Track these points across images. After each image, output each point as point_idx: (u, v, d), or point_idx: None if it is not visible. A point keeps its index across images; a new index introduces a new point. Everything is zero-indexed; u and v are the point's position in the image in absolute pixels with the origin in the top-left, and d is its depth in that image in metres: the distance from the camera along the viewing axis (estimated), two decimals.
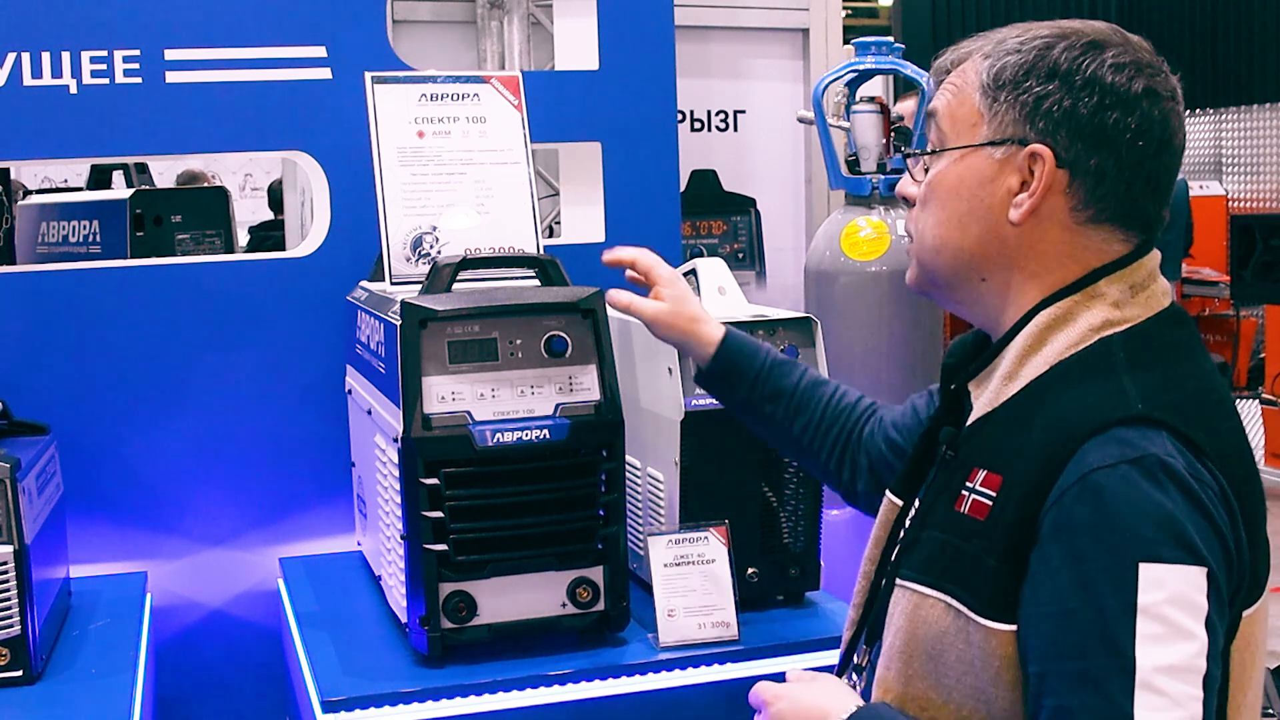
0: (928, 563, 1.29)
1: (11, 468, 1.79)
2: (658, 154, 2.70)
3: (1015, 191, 1.30)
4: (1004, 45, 1.31)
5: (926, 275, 1.40)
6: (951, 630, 1.24)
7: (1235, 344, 8.30)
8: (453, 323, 1.84)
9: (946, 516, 1.28)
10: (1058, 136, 1.27)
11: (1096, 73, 1.26)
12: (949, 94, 1.35)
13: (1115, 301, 1.28)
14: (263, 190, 8.06)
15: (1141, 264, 1.31)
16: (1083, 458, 1.17)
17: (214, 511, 2.48)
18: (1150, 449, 1.16)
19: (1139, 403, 1.20)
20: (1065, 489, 1.17)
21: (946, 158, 1.34)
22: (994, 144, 1.30)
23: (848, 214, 3.44)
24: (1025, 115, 1.28)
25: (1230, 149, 9.08)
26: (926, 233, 1.37)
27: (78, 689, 1.85)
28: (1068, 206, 1.29)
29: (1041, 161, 1.27)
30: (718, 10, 4.98)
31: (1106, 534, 1.14)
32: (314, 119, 2.47)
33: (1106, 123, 1.26)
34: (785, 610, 2.12)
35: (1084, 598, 1.14)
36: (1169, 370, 1.25)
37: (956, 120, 1.33)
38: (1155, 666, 1.10)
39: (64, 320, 2.37)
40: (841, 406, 1.78)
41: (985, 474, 1.25)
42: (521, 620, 1.89)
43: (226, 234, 3.62)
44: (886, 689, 1.31)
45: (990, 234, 1.32)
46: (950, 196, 1.34)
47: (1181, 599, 1.12)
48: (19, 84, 2.32)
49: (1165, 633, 1.11)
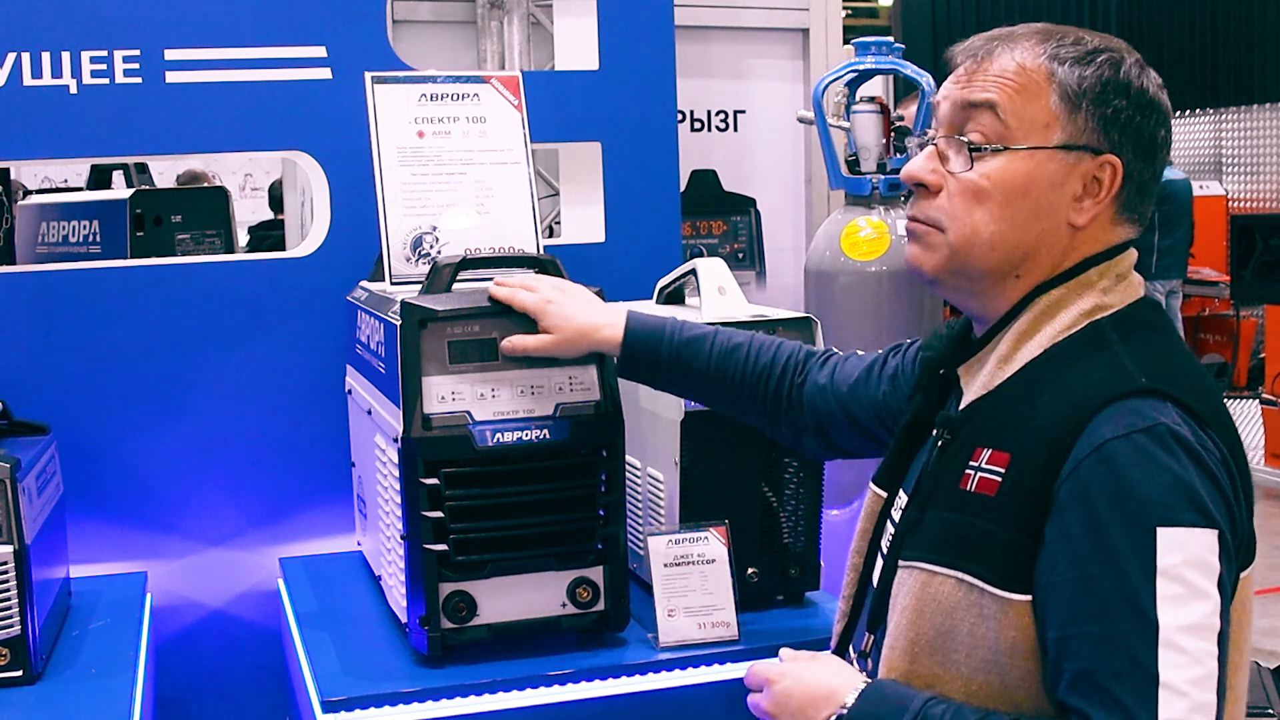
0: (935, 542, 1.31)
1: (11, 468, 1.79)
2: (658, 154, 2.70)
3: (1078, 196, 1.34)
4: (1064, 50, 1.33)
5: (958, 266, 1.38)
6: (963, 604, 1.27)
7: (1235, 344, 8.31)
8: (453, 323, 1.84)
9: (951, 496, 1.31)
10: (1126, 149, 1.33)
11: (1149, 90, 1.34)
12: (1009, 89, 1.33)
13: (1103, 288, 1.35)
14: (263, 190, 8.06)
15: (1124, 256, 1.38)
16: (1096, 429, 1.22)
17: (214, 511, 2.48)
18: (1160, 418, 1.21)
19: (1143, 377, 1.25)
20: (1080, 459, 1.21)
21: (1010, 155, 1.33)
22: (1068, 148, 1.32)
23: (848, 214, 3.44)
24: (1102, 126, 1.33)
25: (1230, 149, 9.08)
26: (981, 228, 1.35)
27: (78, 689, 1.85)
28: (1113, 211, 1.36)
29: (1111, 170, 1.33)
30: (718, 10, 4.99)
31: (1124, 500, 1.18)
32: (314, 119, 2.47)
33: (1157, 138, 1.35)
34: (785, 610, 2.12)
35: (1104, 562, 1.18)
36: (1158, 350, 1.31)
37: (1024, 118, 1.33)
38: (1177, 626, 1.15)
39: (64, 320, 2.37)
40: (758, 370, 1.77)
41: (990, 452, 1.29)
42: (521, 620, 1.89)
43: (226, 234, 3.62)
44: (892, 667, 1.33)
45: (1049, 234, 1.35)
46: (1018, 195, 1.34)
47: (1197, 561, 1.17)
48: (19, 84, 2.32)
49: (1184, 593, 1.16)
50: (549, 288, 1.86)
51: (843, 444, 1.76)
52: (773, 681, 1.41)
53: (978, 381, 1.37)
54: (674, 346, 1.79)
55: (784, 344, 1.80)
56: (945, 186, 1.37)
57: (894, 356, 1.69)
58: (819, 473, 2.10)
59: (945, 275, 1.40)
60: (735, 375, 1.78)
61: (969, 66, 1.37)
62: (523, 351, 1.83)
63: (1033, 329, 1.34)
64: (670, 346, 1.79)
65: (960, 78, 1.38)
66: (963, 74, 1.37)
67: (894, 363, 1.68)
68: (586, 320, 1.83)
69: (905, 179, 1.43)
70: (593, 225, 2.70)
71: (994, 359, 1.36)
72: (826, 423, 1.73)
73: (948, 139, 1.37)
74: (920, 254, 1.41)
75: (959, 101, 1.37)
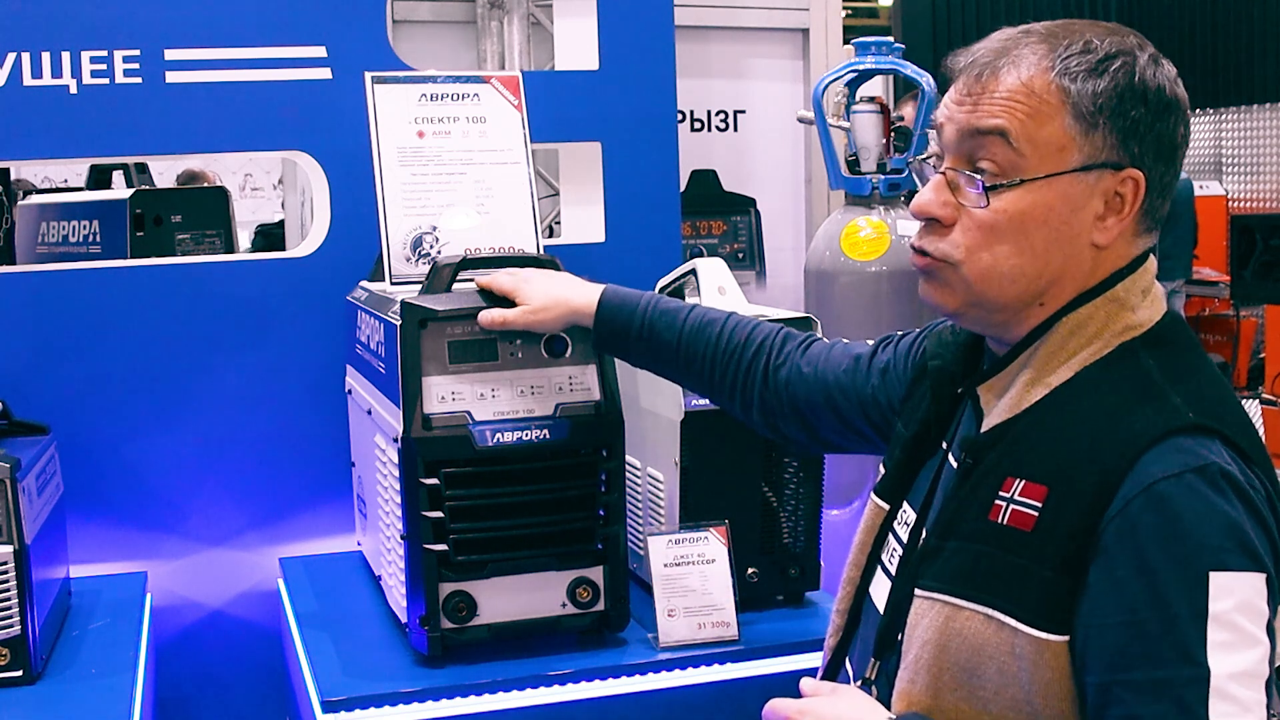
0: (961, 575, 1.26)
1: (11, 468, 1.79)
2: (658, 154, 2.69)
3: (1100, 215, 1.27)
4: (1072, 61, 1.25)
5: (976, 300, 1.31)
6: (992, 642, 1.22)
7: (1235, 344, 8.30)
8: (453, 323, 1.84)
9: (978, 527, 1.26)
10: (1147, 158, 1.26)
11: (1166, 89, 1.26)
12: (1021, 112, 1.25)
13: (1131, 305, 1.29)
14: (263, 190, 8.06)
15: (1148, 266, 1.32)
16: (1145, 468, 1.17)
17: (214, 511, 2.48)
18: (1211, 457, 1.17)
19: (1190, 412, 1.20)
20: (1130, 499, 1.16)
21: (1027, 185, 1.26)
22: (1087, 169, 1.25)
23: (848, 214, 3.44)
24: (1121, 140, 1.25)
25: (1230, 149, 9.08)
26: (1000, 262, 1.28)
27: (78, 689, 1.85)
28: (1137, 221, 1.29)
29: (1134, 184, 1.26)
30: (718, 10, 4.99)
31: (1175, 543, 1.14)
32: (314, 119, 2.47)
33: (1177, 138, 1.28)
34: (785, 610, 2.12)
35: (1155, 607, 1.13)
36: (1194, 376, 1.26)
37: (1038, 144, 1.25)
38: (1228, 674, 1.11)
39: (64, 320, 2.37)
40: (730, 347, 1.72)
41: (1024, 484, 1.23)
42: (521, 620, 1.89)
43: (226, 234, 3.62)
44: (912, 702, 1.29)
45: (1072, 259, 1.28)
46: (1037, 226, 1.26)
47: (1248, 606, 1.13)
48: (19, 84, 2.32)
49: (1235, 640, 1.12)
50: (529, 270, 1.85)
51: (825, 436, 1.68)
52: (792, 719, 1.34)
53: (1002, 403, 1.31)
54: (647, 318, 1.75)
55: (761, 324, 1.74)
56: (959, 220, 1.30)
57: (885, 349, 1.62)
58: (819, 473, 2.10)
59: (966, 310, 1.33)
60: (707, 350, 1.72)
61: (972, 85, 1.28)
62: (501, 324, 1.82)
63: (1061, 349, 1.28)
64: (643, 317, 1.76)
65: (964, 98, 1.29)
66: (966, 93, 1.29)
67: (884, 356, 1.61)
68: (560, 291, 1.81)
69: (916, 213, 1.34)
70: (593, 225, 2.70)
71: (1021, 381, 1.29)
72: (807, 411, 1.66)
73: (957, 172, 1.29)
74: (936, 292, 1.34)
75: (966, 128, 1.28)
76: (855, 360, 1.64)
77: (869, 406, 1.60)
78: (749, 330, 1.73)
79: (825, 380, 1.65)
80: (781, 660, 1.94)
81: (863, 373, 1.62)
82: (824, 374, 1.65)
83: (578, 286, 1.83)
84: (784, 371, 1.69)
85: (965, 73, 1.30)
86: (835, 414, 1.64)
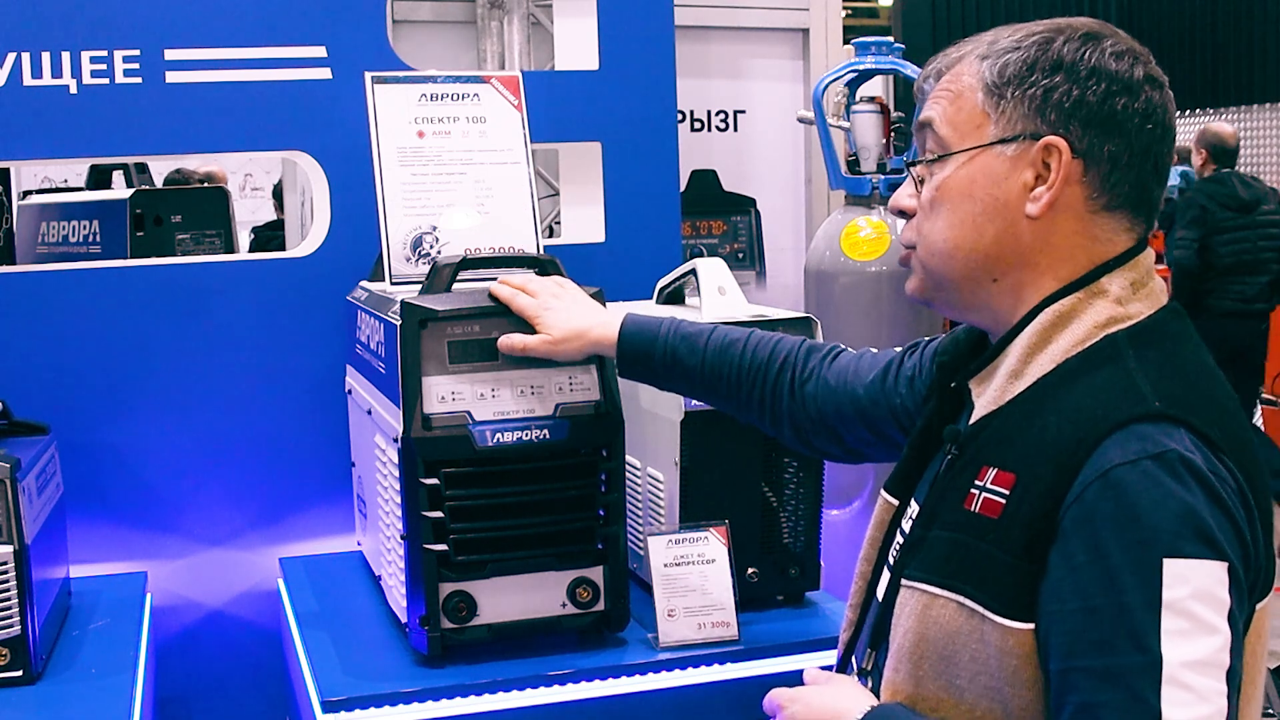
0: (938, 562, 1.28)
1: (11, 468, 1.79)
2: (658, 154, 2.69)
3: (1031, 186, 1.30)
4: (999, 45, 1.32)
5: (934, 281, 1.38)
6: (965, 630, 1.24)
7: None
8: (453, 323, 1.84)
9: (955, 515, 1.28)
10: (1070, 126, 1.28)
11: (1099, 62, 1.28)
12: (944, 101, 1.34)
13: (1118, 298, 1.29)
14: (263, 190, 8.06)
15: (1140, 260, 1.32)
16: (1103, 453, 1.17)
17: (214, 511, 2.48)
18: (1171, 445, 1.17)
19: (1156, 400, 1.20)
20: (1087, 484, 1.17)
21: (952, 162, 1.33)
22: (1004, 141, 1.30)
23: (848, 214, 3.44)
24: (1035, 109, 1.29)
25: None
26: (936, 238, 1.35)
27: (78, 689, 1.85)
28: (1084, 195, 1.30)
29: (1058, 153, 1.28)
30: (718, 10, 4.98)
31: (1130, 529, 1.14)
32: (314, 119, 2.47)
33: (1116, 109, 1.28)
34: (785, 610, 2.12)
35: (1108, 594, 1.14)
36: (1177, 368, 1.26)
37: (957, 125, 1.33)
38: (1181, 662, 1.11)
39: (64, 320, 2.37)
40: (755, 366, 1.73)
41: (996, 472, 1.25)
42: (521, 620, 1.89)
43: (226, 234, 3.62)
44: (896, 690, 1.31)
45: (1006, 232, 1.32)
46: (962, 198, 1.33)
47: (1205, 594, 1.13)
48: (19, 84, 2.32)
49: (1190, 628, 1.12)
50: (548, 292, 1.85)
51: (857, 447, 1.70)
52: (784, 706, 1.39)
53: (987, 396, 1.33)
54: (669, 344, 1.77)
55: (784, 339, 1.76)
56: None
57: (910, 357, 1.64)
58: (819, 473, 2.10)
59: (928, 293, 1.41)
60: (731, 371, 1.74)
61: (924, 86, 1.39)
62: (520, 350, 1.83)
63: (1042, 341, 1.29)
64: (665, 344, 1.77)
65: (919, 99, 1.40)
66: (920, 94, 1.39)
67: (910, 364, 1.63)
68: (581, 322, 1.82)
69: (890, 210, 1.45)
70: (593, 225, 2.70)
71: (1004, 373, 1.31)
72: (837, 424, 1.68)
73: (911, 164, 1.39)
74: (909, 281, 1.43)
75: (915, 126, 1.39)
76: (884, 371, 1.65)
77: (900, 416, 1.61)
78: (771, 347, 1.75)
79: (854, 392, 1.66)
80: (781, 660, 1.94)
81: (891, 383, 1.63)
82: (853, 386, 1.67)
83: (596, 315, 1.83)
84: (810, 386, 1.70)
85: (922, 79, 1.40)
86: (867, 425, 1.65)
